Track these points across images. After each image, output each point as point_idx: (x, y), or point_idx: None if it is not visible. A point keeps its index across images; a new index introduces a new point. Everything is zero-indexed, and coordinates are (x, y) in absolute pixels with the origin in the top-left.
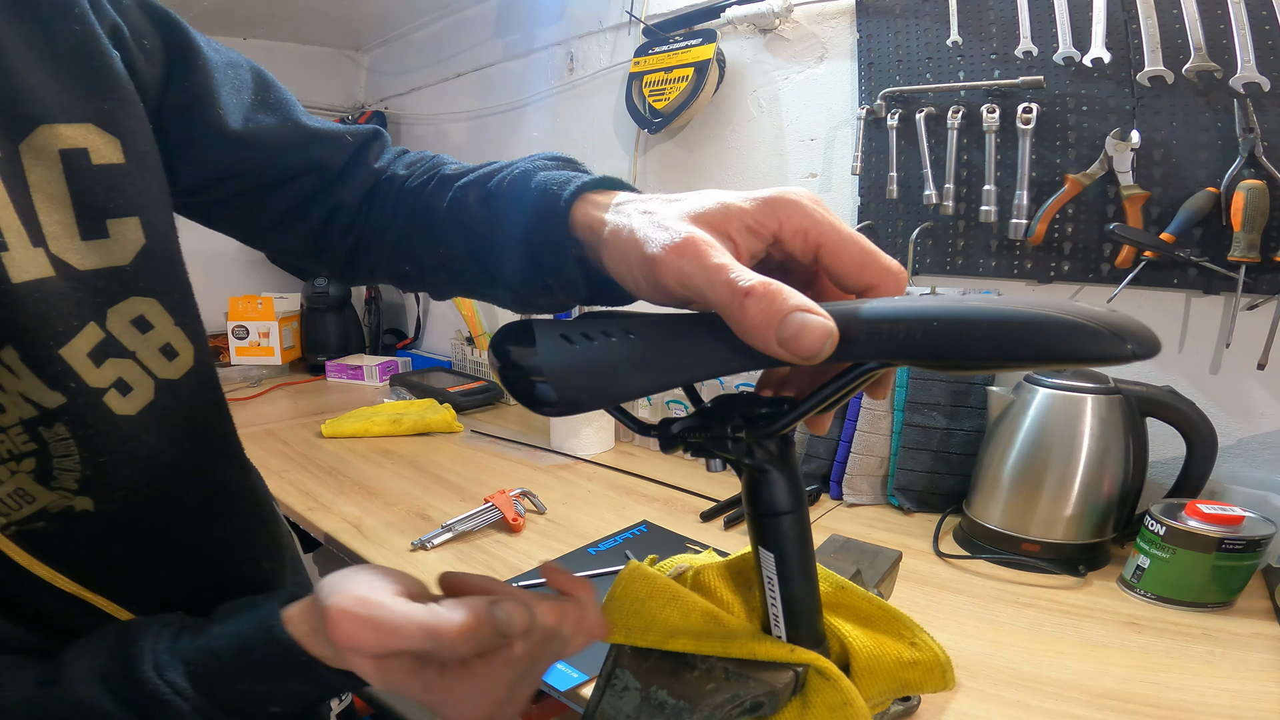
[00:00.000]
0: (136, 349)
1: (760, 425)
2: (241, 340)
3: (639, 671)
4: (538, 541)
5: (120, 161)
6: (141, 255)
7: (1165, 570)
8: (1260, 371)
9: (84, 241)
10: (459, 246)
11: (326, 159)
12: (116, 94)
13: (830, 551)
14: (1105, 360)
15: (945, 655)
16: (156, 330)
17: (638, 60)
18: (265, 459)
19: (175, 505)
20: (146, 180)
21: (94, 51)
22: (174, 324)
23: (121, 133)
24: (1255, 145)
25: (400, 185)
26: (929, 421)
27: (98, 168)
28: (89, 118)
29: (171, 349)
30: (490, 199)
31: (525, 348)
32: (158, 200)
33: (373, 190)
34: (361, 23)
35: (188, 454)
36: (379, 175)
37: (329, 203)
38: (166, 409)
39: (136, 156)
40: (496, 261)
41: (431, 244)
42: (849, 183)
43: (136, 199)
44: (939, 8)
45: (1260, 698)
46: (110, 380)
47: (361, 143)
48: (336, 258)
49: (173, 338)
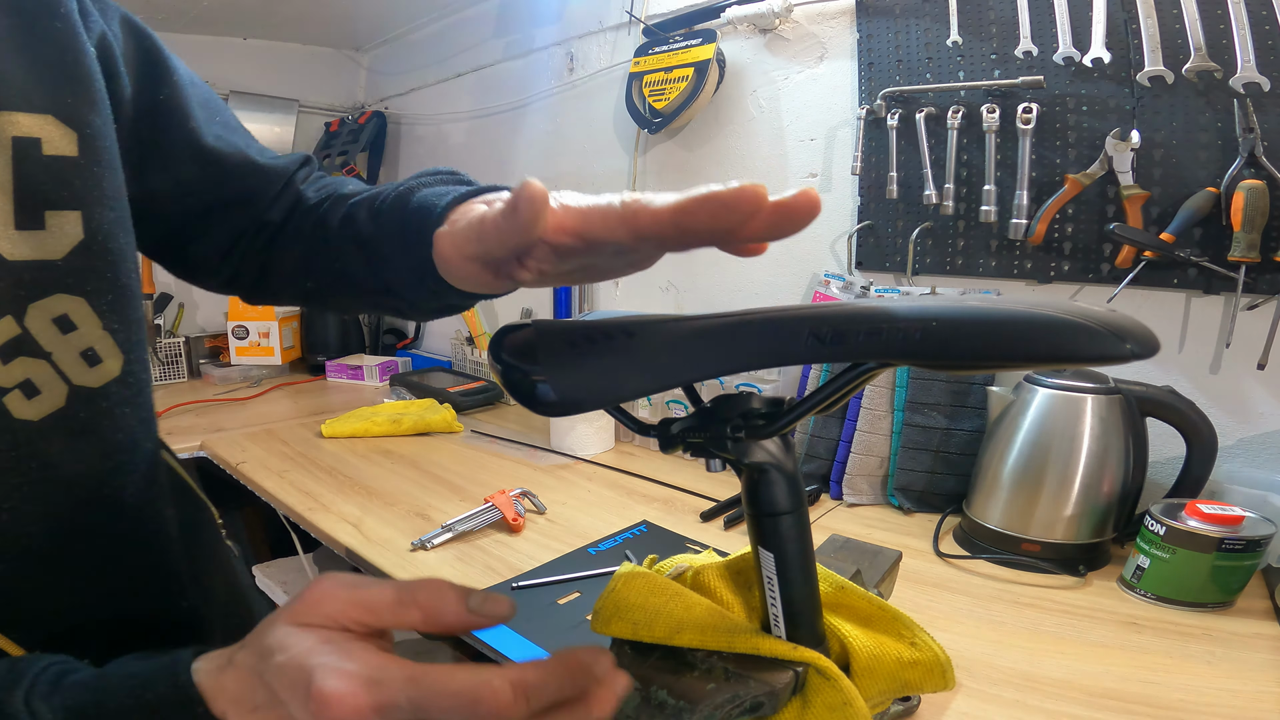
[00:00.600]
0: (54, 350)
1: (760, 425)
2: (241, 340)
3: (639, 671)
4: (538, 541)
5: (73, 155)
6: (77, 251)
7: (1165, 570)
8: (1260, 371)
9: (17, 231)
10: (353, 261)
11: (266, 189)
12: (83, 91)
13: (830, 551)
14: (1104, 360)
15: (945, 655)
16: (80, 332)
17: (638, 60)
18: (265, 459)
19: (73, 527)
20: (98, 177)
21: (69, 49)
22: (101, 328)
23: (80, 128)
24: (1255, 145)
25: (304, 205)
26: (929, 421)
27: (48, 158)
28: (50, 109)
29: (94, 354)
30: (376, 215)
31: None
32: (108, 199)
33: (291, 211)
34: (361, 23)
35: (96, 474)
36: (299, 198)
37: (258, 228)
38: (78, 420)
39: (92, 153)
40: (388, 273)
41: (328, 258)
42: (849, 183)
43: (83, 194)
44: (939, 8)
45: (1260, 698)
46: (16, 380)
47: (292, 170)
48: (248, 278)
49: (98, 342)
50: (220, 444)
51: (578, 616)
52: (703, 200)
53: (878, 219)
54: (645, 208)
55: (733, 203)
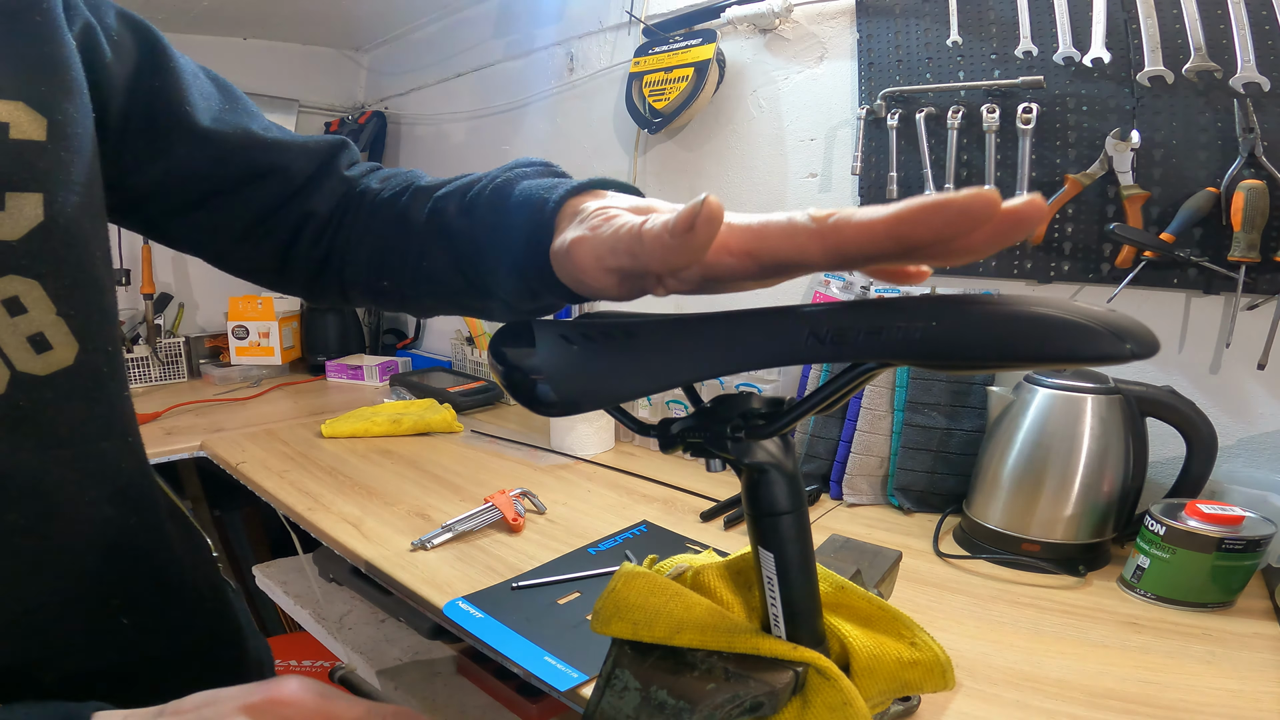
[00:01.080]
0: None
1: (760, 425)
2: (241, 340)
3: (639, 671)
4: (538, 541)
5: (40, 139)
6: (35, 234)
7: (1165, 570)
8: (1260, 371)
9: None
10: (440, 258)
11: (291, 164)
12: (58, 80)
13: (830, 551)
14: (1104, 360)
15: (945, 655)
16: (29, 316)
17: (638, 60)
18: (265, 459)
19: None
20: (65, 161)
21: (47, 41)
22: (55, 313)
23: (51, 114)
24: (1255, 145)
25: (374, 198)
26: (929, 421)
27: (13, 141)
28: (21, 96)
29: (44, 340)
30: (470, 209)
31: (525, 348)
32: (75, 183)
33: (345, 201)
34: (361, 23)
35: (30, 467)
36: (351, 185)
37: (298, 211)
38: (17, 409)
39: (62, 138)
40: (483, 272)
41: (411, 257)
42: (849, 183)
43: (47, 176)
44: (939, 8)
45: (1260, 698)
46: None
47: (329, 150)
48: (303, 272)
49: (49, 328)
50: (220, 444)
51: (578, 616)
52: (933, 208)
53: None
54: (849, 222)
55: (968, 209)
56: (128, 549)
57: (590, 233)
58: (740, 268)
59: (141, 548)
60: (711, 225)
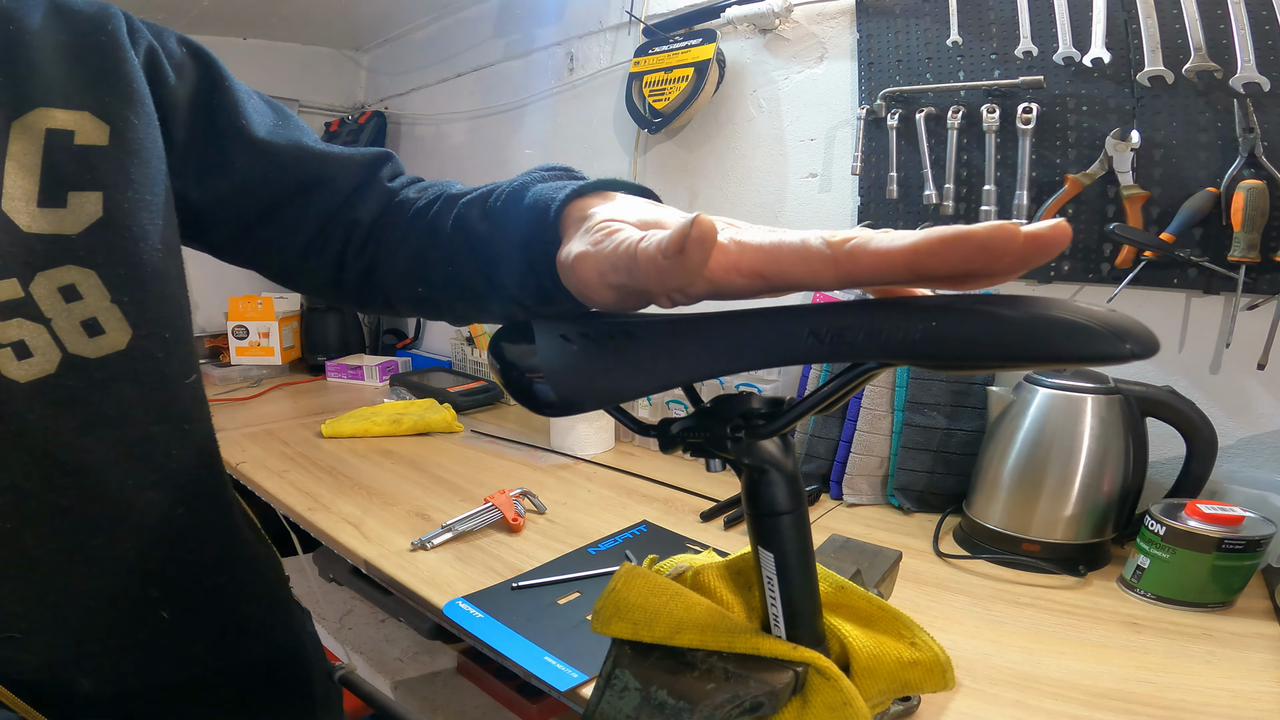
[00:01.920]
0: (55, 316)
1: (760, 425)
2: (241, 340)
3: (639, 671)
4: (538, 541)
5: (103, 144)
6: (95, 228)
7: (1165, 570)
8: (1260, 371)
9: (39, 208)
10: (465, 264)
11: (338, 175)
12: (122, 92)
13: (830, 551)
14: (1104, 360)
15: (945, 655)
16: (85, 302)
17: (638, 60)
18: (265, 459)
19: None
20: (126, 163)
21: (111, 57)
22: (109, 299)
23: (114, 122)
24: (1255, 145)
25: (411, 208)
26: (929, 421)
27: (78, 147)
28: (88, 107)
29: (97, 325)
30: (490, 213)
31: (524, 347)
32: (134, 182)
33: (385, 211)
34: (361, 23)
35: (73, 447)
36: (392, 195)
37: (346, 221)
38: (68, 390)
39: (123, 143)
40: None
41: (440, 262)
42: (849, 183)
43: (108, 176)
44: (939, 8)
45: (1260, 698)
46: (9, 339)
47: (373, 162)
48: (354, 282)
49: (103, 314)
50: (220, 444)
51: (578, 616)
52: (952, 240)
53: (878, 219)
54: (865, 249)
55: (989, 243)
56: (173, 539)
57: (592, 248)
58: (750, 287)
59: (189, 539)
60: (702, 247)
